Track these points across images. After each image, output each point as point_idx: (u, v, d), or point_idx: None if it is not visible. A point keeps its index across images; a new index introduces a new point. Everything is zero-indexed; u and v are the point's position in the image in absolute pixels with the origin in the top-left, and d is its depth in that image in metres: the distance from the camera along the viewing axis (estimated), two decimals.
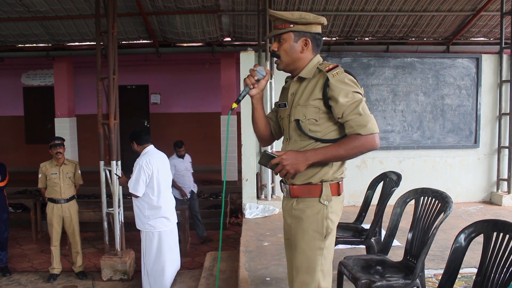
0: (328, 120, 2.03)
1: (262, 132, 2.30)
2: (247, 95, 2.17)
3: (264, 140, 2.35)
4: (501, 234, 1.92)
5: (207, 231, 7.44)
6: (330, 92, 1.98)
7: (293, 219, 2.10)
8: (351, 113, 1.93)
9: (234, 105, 2.15)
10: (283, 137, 2.26)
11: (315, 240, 2.02)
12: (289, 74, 2.22)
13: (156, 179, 4.67)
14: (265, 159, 2.01)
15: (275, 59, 2.18)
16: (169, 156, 5.91)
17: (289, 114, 2.13)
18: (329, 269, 2.06)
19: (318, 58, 2.13)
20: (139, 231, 4.94)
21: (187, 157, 7.31)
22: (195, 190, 7.38)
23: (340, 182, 2.09)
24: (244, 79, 2.17)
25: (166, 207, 4.78)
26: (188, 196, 7.10)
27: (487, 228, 2.00)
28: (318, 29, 2.11)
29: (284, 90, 2.25)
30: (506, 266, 1.86)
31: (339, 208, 2.09)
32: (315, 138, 2.04)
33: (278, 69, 2.18)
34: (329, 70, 2.01)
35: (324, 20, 2.12)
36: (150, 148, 4.87)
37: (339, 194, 2.07)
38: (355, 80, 2.02)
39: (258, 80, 2.14)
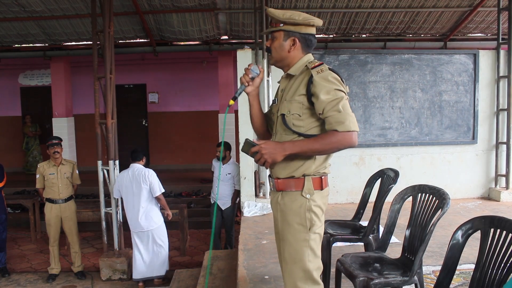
0: (311, 116, 2.09)
1: (258, 128, 2.42)
2: (244, 93, 2.30)
3: (261, 135, 2.45)
4: (498, 231, 1.91)
5: (207, 229, 7.44)
6: (313, 89, 2.04)
7: (278, 212, 2.18)
8: (331, 110, 1.98)
9: (231, 102, 2.25)
10: None
11: (300, 232, 2.09)
12: (275, 72, 2.33)
13: (122, 192, 5.59)
14: (247, 147, 2.09)
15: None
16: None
17: (277, 110, 2.23)
18: (317, 260, 2.11)
19: (309, 57, 2.20)
20: None
21: (229, 166, 6.30)
22: (223, 206, 6.31)
23: (323, 177, 2.14)
24: (240, 78, 2.28)
25: (128, 215, 5.57)
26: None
27: (484, 224, 1.99)
28: (309, 30, 2.17)
29: (278, 87, 2.35)
30: (504, 262, 1.85)
31: (323, 202, 2.14)
32: (298, 133, 2.11)
33: (270, 64, 2.34)
34: (314, 67, 2.08)
35: (316, 22, 2.16)
36: (132, 165, 5.59)
37: (321, 188, 2.12)
38: (339, 78, 2.07)
39: (253, 78, 2.27)
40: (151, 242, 5.58)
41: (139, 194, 5.43)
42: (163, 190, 5.57)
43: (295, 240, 2.10)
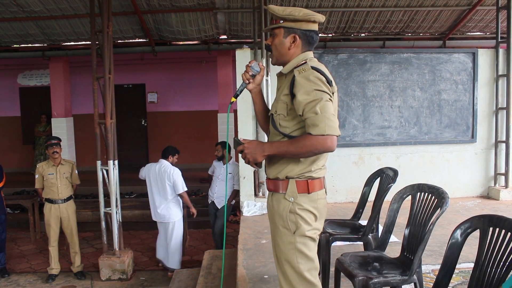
0: (296, 117, 2.05)
1: (262, 124, 2.40)
2: (246, 90, 2.30)
3: (267, 131, 2.42)
4: (497, 229, 1.91)
5: (206, 229, 7.43)
6: (294, 89, 2.00)
7: (269, 212, 2.20)
8: (309, 112, 1.93)
9: (233, 99, 2.25)
10: None
11: (285, 235, 2.08)
12: (275, 71, 2.33)
13: (148, 182, 6.07)
14: (235, 145, 2.13)
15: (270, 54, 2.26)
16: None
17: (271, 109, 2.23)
18: (310, 262, 2.07)
19: (306, 55, 2.13)
20: (136, 230, 5.58)
21: (230, 166, 6.29)
22: (219, 205, 6.36)
23: (309, 180, 2.06)
24: (241, 75, 2.27)
25: (150, 204, 6.08)
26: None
27: (483, 223, 1.99)
28: (310, 26, 2.11)
29: None
30: (503, 261, 1.85)
31: (313, 206, 2.08)
32: (284, 134, 2.09)
33: (272, 63, 2.26)
34: (297, 66, 2.04)
35: (317, 18, 2.11)
36: (160, 161, 6.10)
37: (308, 192, 2.06)
38: (323, 78, 1.98)
39: (253, 76, 2.26)
40: (169, 233, 5.97)
41: (163, 189, 5.90)
42: (185, 189, 5.98)
43: (282, 243, 2.10)
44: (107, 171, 5.74)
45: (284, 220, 2.06)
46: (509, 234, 1.85)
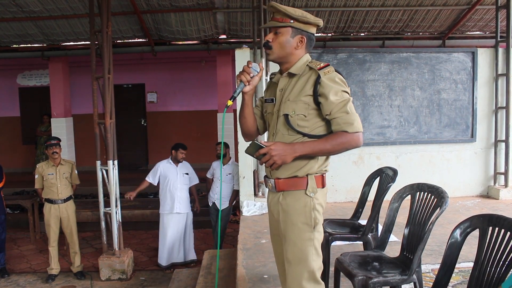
0: (316, 116, 2.11)
1: (250, 127, 2.36)
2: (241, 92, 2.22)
3: (250, 135, 2.41)
4: (497, 229, 1.91)
5: (206, 229, 7.43)
6: (320, 90, 2.06)
7: (281, 213, 2.16)
8: (339, 111, 2.02)
9: (230, 103, 2.15)
10: (267, 131, 2.32)
11: (305, 232, 2.08)
12: (275, 70, 2.33)
13: None
14: (253, 148, 2.06)
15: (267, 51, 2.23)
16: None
17: (278, 109, 2.19)
18: (319, 260, 2.12)
19: (308, 56, 2.21)
20: (136, 230, 5.53)
21: (229, 166, 6.40)
22: (220, 206, 6.30)
23: (324, 175, 2.17)
24: (239, 76, 2.19)
25: None
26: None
27: (482, 223, 1.99)
28: (314, 30, 2.21)
29: (272, 86, 2.32)
30: (502, 260, 1.85)
31: (324, 199, 2.17)
32: (303, 133, 2.12)
33: (269, 59, 2.25)
34: (321, 68, 2.09)
35: (321, 23, 2.23)
36: None
37: (323, 186, 2.15)
38: (344, 80, 2.11)
39: (252, 77, 2.20)
40: None
41: None
42: (147, 179, 6.27)
43: (300, 240, 2.08)
44: (106, 171, 5.74)
45: (307, 216, 2.08)
46: (508, 233, 1.85)
